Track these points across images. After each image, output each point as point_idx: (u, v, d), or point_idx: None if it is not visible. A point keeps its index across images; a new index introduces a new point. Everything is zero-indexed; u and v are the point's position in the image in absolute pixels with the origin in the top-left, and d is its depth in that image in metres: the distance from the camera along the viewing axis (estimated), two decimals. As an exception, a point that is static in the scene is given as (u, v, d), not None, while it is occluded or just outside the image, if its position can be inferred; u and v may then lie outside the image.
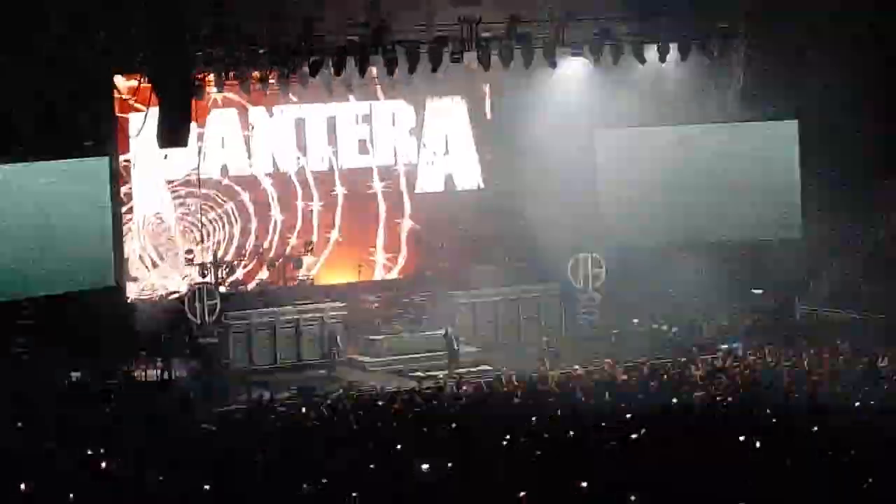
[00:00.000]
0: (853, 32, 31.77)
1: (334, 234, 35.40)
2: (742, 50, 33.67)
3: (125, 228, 33.02)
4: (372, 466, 19.26)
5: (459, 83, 34.95)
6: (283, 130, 34.86)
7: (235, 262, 33.88)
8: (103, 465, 20.65)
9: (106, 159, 31.41)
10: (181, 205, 33.87)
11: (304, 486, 18.37)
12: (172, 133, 27.87)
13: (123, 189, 32.96)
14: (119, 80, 31.97)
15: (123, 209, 32.90)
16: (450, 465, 19.07)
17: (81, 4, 28.92)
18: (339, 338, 32.96)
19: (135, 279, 33.40)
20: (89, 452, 21.24)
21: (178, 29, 26.98)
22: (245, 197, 34.58)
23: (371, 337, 33.53)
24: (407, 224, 36.11)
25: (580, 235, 34.80)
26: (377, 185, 35.77)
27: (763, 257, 33.81)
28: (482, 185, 36.61)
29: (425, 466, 19.01)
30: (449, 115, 36.27)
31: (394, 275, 36.01)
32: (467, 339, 33.40)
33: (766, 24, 33.45)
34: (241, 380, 30.44)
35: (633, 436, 20.50)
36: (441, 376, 29.72)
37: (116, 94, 32.11)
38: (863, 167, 32.09)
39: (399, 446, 20.69)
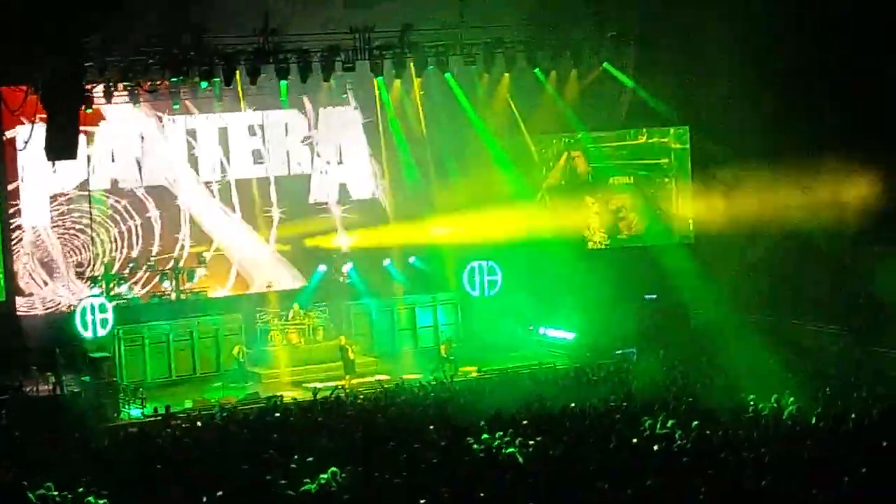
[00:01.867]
0: (745, 39, 32.17)
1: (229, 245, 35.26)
2: (633, 57, 34.05)
3: (14, 242, 32.51)
4: (269, 478, 19.13)
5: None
6: (174, 141, 34.54)
7: (128, 275, 33.50)
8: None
9: (-7, 172, 31.01)
10: (71, 217, 33.40)
11: (204, 498, 18.22)
12: (61, 145, 27.45)
13: (11, 203, 32.45)
14: (5, 92, 31.40)
15: (12, 223, 32.40)
16: (345, 474, 19.01)
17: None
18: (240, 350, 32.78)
19: (25, 293, 32.89)
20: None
21: (66, 39, 26.57)
22: (136, 208, 34.21)
23: (267, 348, 33.35)
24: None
25: (477, 241, 34.94)
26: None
27: (657, 262, 34.08)
28: (376, 194, 36.58)
29: (324, 476, 18.97)
30: (342, 124, 36.18)
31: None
32: (363, 348, 33.35)
33: (658, 32, 33.82)
34: (134, 393, 30.10)
35: (532, 442, 20.59)
36: (338, 386, 29.59)
37: (3, 106, 31.54)
38: (754, 171, 32.47)
39: (296, 456, 20.60)
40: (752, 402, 23.69)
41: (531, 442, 20.49)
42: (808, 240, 33.46)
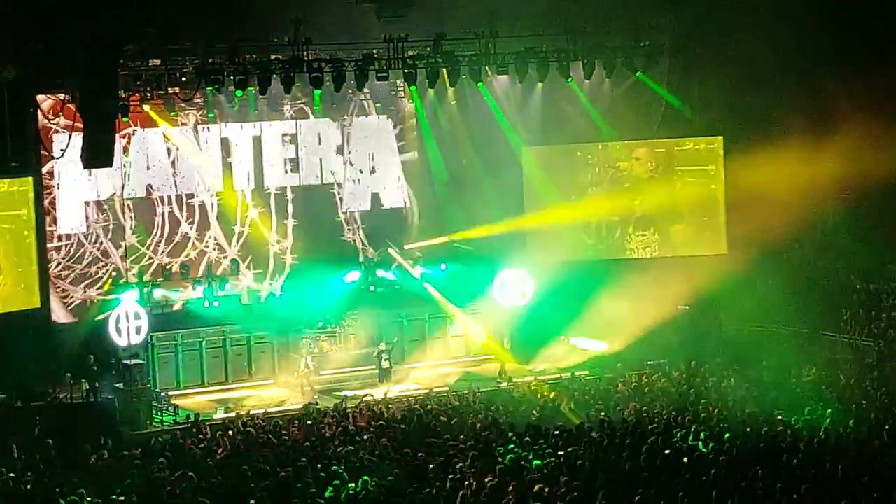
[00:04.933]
0: (781, 47, 32.07)
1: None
2: (666, 67, 34.00)
3: (50, 249, 32.70)
4: (300, 486, 19.20)
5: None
6: (209, 149, 34.72)
7: (161, 282, 33.63)
8: (29, 487, 20.47)
9: (30, 180, 31.08)
10: (106, 225, 33.60)
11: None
12: (97, 153, 27.56)
13: (48, 210, 32.66)
14: (42, 100, 31.58)
15: (48, 230, 32.60)
16: (375, 483, 19.07)
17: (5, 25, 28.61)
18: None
19: (60, 300, 33.07)
20: (12, 475, 21.00)
21: (104, 49, 26.73)
22: (171, 216, 34.37)
23: (300, 356, 33.37)
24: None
25: (507, 251, 34.94)
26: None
27: (690, 273, 33.94)
28: (408, 203, 36.66)
29: (354, 485, 19.03)
30: (375, 133, 36.29)
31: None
32: (397, 356, 33.37)
33: (691, 41, 33.77)
34: (165, 401, 30.23)
35: (561, 452, 20.59)
36: (371, 393, 29.64)
37: (40, 115, 31.73)
38: (789, 181, 32.32)
39: (320, 464, 20.69)
40: (784, 414, 23.65)
41: (561, 452, 20.50)
42: (842, 251, 33.37)
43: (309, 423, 25.36)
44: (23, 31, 28.06)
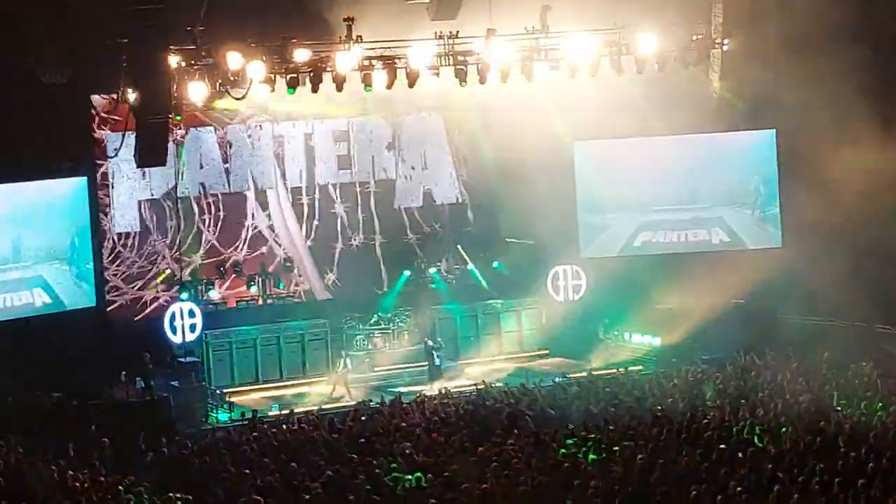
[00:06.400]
0: (836, 38, 31.75)
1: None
2: (720, 60, 33.75)
3: (104, 248, 32.92)
4: (355, 482, 19.26)
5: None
6: (261, 147, 34.85)
7: (216, 280, 33.81)
8: (84, 485, 20.61)
9: (84, 179, 31.28)
10: (161, 223, 33.79)
11: None
12: (150, 152, 27.79)
13: (102, 208, 32.87)
14: (96, 101, 31.80)
15: (102, 228, 32.82)
16: (428, 480, 19.10)
17: (59, 25, 28.79)
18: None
19: (115, 299, 33.28)
20: (70, 473, 21.15)
21: (157, 48, 26.93)
22: (225, 214, 34.52)
23: (352, 352, 33.45)
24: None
25: (560, 246, 34.85)
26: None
27: (745, 267, 33.72)
28: (461, 199, 36.67)
29: (408, 479, 19.06)
30: (426, 130, 36.31)
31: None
32: (448, 353, 33.39)
33: (745, 34, 33.52)
34: (220, 398, 30.37)
35: (616, 447, 20.55)
36: (422, 390, 29.68)
37: (94, 114, 31.95)
38: (844, 175, 32.02)
39: (375, 461, 20.73)
40: (840, 408, 23.49)
41: (616, 447, 20.45)
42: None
43: (363, 419, 25.40)
44: (75, 33, 28.24)
